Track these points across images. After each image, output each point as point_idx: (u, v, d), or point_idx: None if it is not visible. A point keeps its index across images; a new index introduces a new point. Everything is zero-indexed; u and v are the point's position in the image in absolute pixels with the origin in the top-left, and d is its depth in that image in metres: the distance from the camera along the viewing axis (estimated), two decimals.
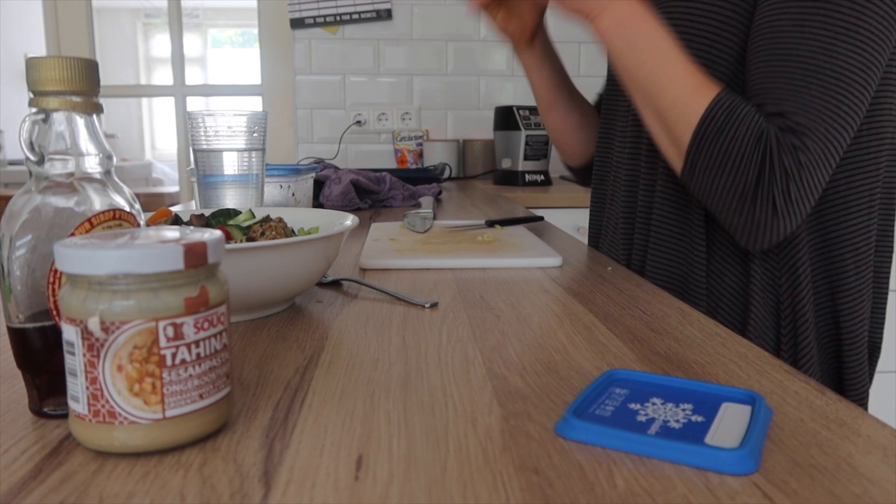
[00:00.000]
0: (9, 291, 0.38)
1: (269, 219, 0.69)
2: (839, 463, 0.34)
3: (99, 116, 0.40)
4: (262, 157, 0.89)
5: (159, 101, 5.99)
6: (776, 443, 0.36)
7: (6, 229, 0.38)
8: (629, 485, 0.31)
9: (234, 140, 0.86)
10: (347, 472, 0.33)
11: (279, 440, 0.36)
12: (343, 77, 2.49)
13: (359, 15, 2.43)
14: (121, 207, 0.40)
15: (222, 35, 6.06)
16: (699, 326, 0.57)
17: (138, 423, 0.33)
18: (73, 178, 0.39)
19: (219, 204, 0.87)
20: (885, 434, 0.37)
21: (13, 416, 0.39)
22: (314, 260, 0.58)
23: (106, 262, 0.32)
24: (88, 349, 0.33)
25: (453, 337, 0.54)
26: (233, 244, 0.54)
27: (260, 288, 0.56)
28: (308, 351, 0.51)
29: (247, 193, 0.88)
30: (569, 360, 0.48)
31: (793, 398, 0.42)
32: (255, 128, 0.87)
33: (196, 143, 0.87)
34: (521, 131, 2.10)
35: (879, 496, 0.31)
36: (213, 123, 0.85)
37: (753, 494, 0.31)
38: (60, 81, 0.38)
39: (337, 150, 2.51)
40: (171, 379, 0.34)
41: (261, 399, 0.42)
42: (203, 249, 0.34)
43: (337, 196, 1.36)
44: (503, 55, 2.51)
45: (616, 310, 0.62)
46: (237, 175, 0.87)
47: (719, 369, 0.47)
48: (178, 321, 0.33)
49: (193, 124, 0.86)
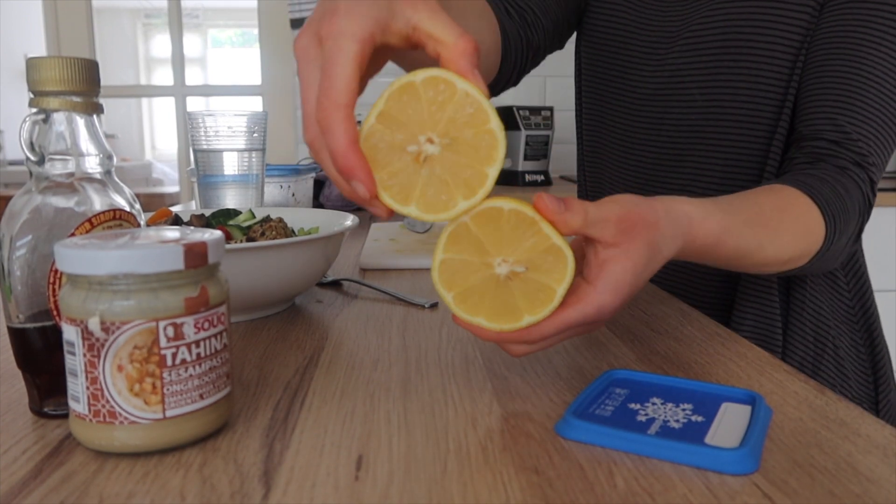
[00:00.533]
0: (9, 291, 0.38)
1: (269, 219, 0.69)
2: (839, 463, 0.34)
3: (99, 116, 0.40)
4: (262, 158, 0.89)
5: (159, 102, 5.99)
6: (776, 443, 0.36)
7: (6, 229, 0.38)
8: (629, 485, 0.31)
9: (234, 140, 0.86)
10: (347, 472, 0.33)
11: (279, 440, 0.36)
12: None
13: None
14: (121, 207, 0.40)
15: (222, 35, 6.06)
16: (699, 326, 0.57)
17: (138, 423, 0.33)
18: (73, 178, 0.39)
19: (219, 204, 0.87)
20: (885, 434, 0.37)
21: (13, 416, 0.39)
22: (314, 260, 0.58)
23: (106, 263, 0.32)
24: (89, 349, 0.33)
25: (453, 337, 0.54)
26: (233, 244, 0.54)
27: (260, 288, 0.56)
28: (308, 351, 0.51)
29: (247, 193, 0.88)
30: (569, 360, 0.48)
31: (793, 398, 0.42)
32: (255, 128, 0.87)
33: (196, 143, 0.87)
34: (522, 131, 2.10)
35: (879, 496, 0.31)
36: (214, 123, 0.85)
37: (753, 494, 0.31)
38: (60, 81, 0.38)
39: None
40: (171, 379, 0.34)
41: (261, 399, 0.42)
42: (203, 249, 0.34)
43: (337, 196, 1.36)
44: None
45: None
46: (237, 175, 0.87)
47: (719, 369, 0.47)
48: (178, 321, 0.33)
49: (194, 124, 0.86)
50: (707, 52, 0.73)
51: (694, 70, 0.74)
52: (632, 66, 0.80)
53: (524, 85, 2.54)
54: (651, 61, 0.78)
